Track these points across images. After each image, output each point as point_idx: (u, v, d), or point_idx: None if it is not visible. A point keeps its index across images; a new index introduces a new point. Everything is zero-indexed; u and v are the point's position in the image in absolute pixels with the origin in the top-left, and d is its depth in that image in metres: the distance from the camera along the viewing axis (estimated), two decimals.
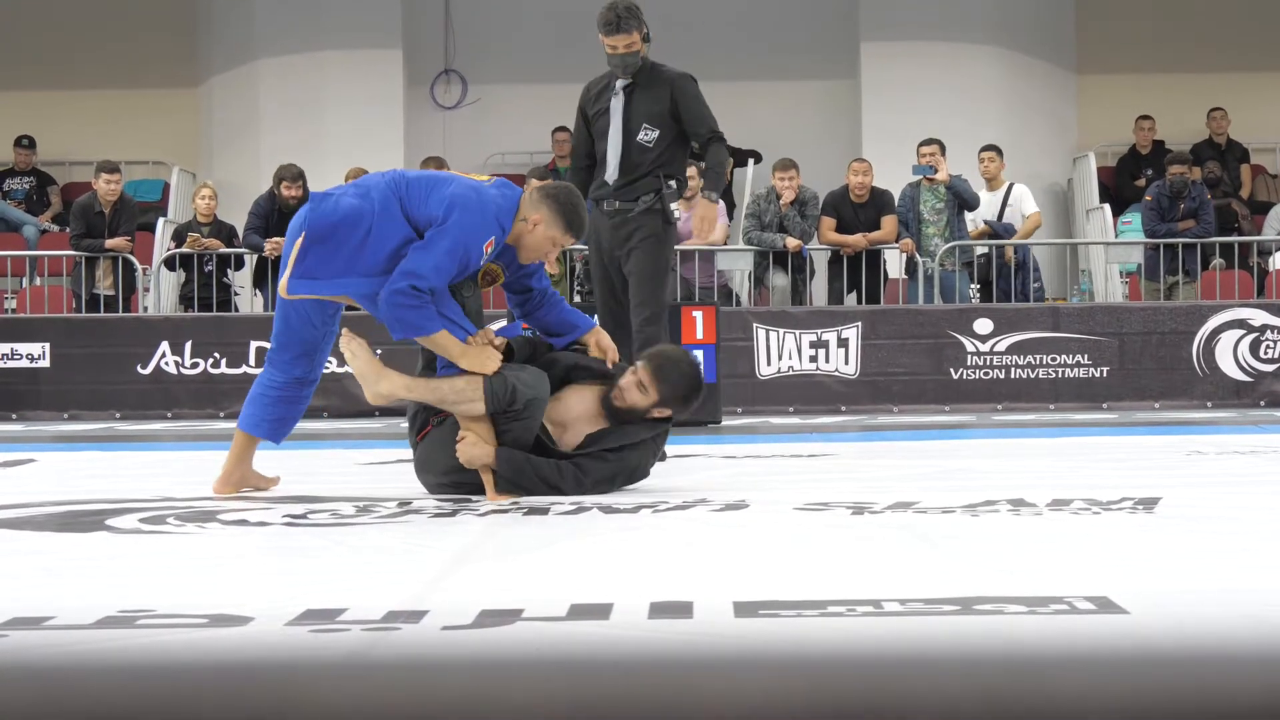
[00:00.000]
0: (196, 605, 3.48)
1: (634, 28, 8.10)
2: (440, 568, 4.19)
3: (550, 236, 5.89)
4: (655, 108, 8.14)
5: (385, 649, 3.01)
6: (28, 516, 5.54)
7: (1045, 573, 3.94)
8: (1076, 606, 3.31)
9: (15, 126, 17.25)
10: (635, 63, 8.19)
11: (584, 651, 3.00)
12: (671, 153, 8.16)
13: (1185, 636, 3.10)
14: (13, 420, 13.13)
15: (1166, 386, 13.26)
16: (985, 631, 3.11)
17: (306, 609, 3.38)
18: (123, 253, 14.38)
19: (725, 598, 3.48)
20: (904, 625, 3.18)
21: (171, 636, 3.14)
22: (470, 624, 3.20)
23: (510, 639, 3.08)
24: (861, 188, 14.29)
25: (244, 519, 5.30)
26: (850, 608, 3.33)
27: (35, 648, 3.05)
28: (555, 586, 3.78)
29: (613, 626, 3.20)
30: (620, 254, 8.17)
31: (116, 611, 3.38)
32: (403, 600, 3.53)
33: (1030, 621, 3.18)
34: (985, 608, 3.31)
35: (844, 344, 13.24)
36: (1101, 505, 5.38)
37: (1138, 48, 17.77)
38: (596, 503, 5.66)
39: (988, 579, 3.83)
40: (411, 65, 17.51)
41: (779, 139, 16.51)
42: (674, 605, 3.41)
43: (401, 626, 3.19)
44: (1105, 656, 2.90)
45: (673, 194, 8.16)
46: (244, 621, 3.26)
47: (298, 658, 2.94)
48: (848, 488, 6.18)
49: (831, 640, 3.06)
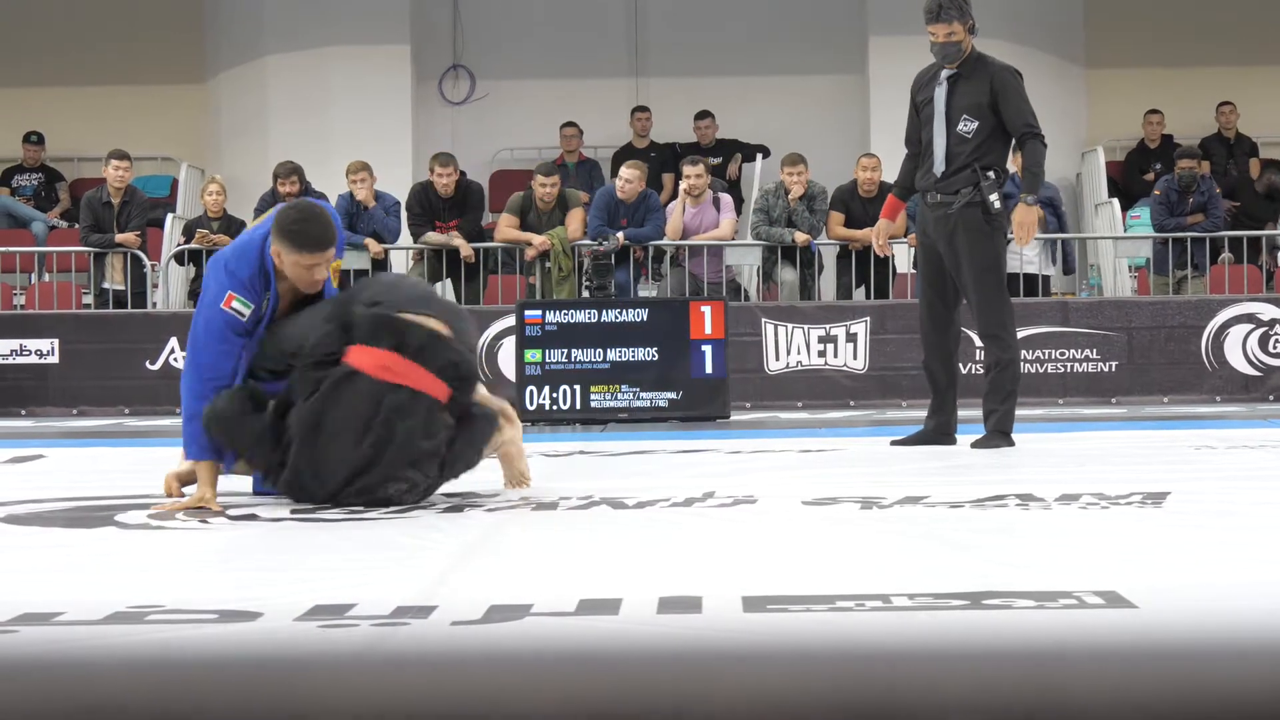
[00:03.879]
0: (205, 601, 3.49)
1: (954, 18, 8.02)
2: (449, 563, 4.19)
3: (294, 261, 5.59)
4: (975, 99, 8.06)
5: (394, 644, 3.01)
6: (37, 512, 5.55)
7: (1054, 567, 3.94)
8: (1085, 601, 3.31)
9: (24, 123, 17.25)
10: (956, 53, 8.10)
11: (593, 647, 3.00)
12: (990, 145, 8.07)
13: (1194, 631, 3.09)
14: (22, 416, 13.15)
15: (1175, 381, 13.24)
16: (994, 626, 3.11)
17: (315, 604, 3.38)
18: (132, 248, 14.39)
19: (734, 592, 3.48)
20: (913, 620, 3.18)
21: (180, 632, 3.14)
22: (479, 619, 3.20)
23: (519, 634, 3.08)
24: (870, 183, 14.27)
25: (253, 514, 5.31)
26: (859, 602, 3.33)
27: (44, 643, 3.05)
28: (564, 581, 3.78)
29: (622, 621, 3.20)
30: (945, 249, 8.12)
31: (125, 607, 3.39)
32: (411, 596, 3.53)
33: (1039, 616, 3.17)
34: (994, 602, 3.31)
35: (853, 339, 13.23)
36: (1110, 500, 5.38)
37: (1146, 42, 17.74)
38: (605, 498, 5.67)
39: (996, 573, 3.83)
40: (420, 60, 17.51)
41: (787, 133, 16.49)
42: (683, 600, 3.41)
43: (410, 622, 3.19)
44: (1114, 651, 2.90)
45: (992, 186, 8.02)
46: (253, 617, 3.27)
47: (307, 653, 2.94)
48: (856, 482, 6.18)
49: (840, 635, 3.06)
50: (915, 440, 8.27)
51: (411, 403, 5.38)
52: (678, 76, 17.27)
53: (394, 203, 14.39)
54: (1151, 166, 16.78)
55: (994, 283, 8.09)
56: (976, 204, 8.03)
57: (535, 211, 14.11)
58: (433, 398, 5.43)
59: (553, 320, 11.54)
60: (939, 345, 8.30)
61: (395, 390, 5.37)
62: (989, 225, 8.05)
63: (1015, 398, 8.20)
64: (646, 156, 16.12)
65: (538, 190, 14.06)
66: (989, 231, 8.05)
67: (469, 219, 14.33)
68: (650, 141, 16.73)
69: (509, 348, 12.67)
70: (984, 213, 8.03)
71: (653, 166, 16.11)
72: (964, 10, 8.06)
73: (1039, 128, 8.10)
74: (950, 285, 8.19)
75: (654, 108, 16.77)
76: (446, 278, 14.33)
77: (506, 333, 12.88)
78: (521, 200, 14.22)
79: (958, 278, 8.12)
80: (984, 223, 8.04)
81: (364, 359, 5.41)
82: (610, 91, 17.23)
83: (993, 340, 8.17)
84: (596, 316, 11.60)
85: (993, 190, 8.01)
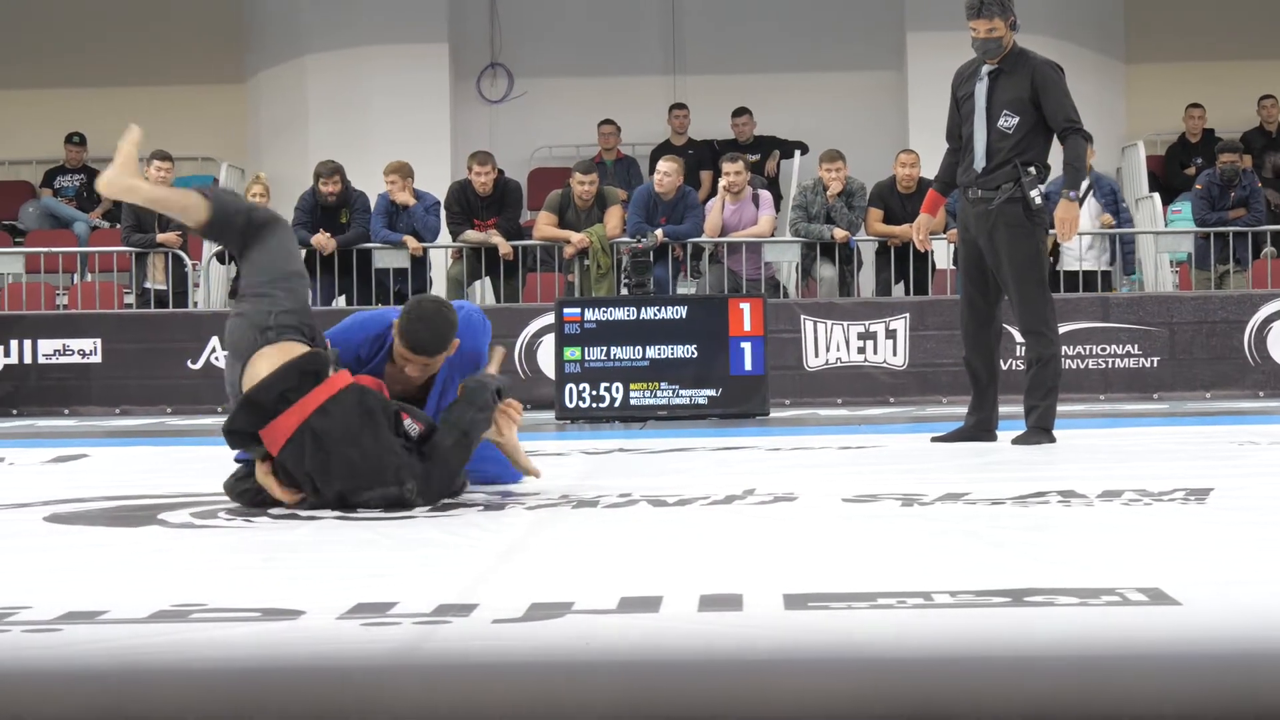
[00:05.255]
0: (248, 599, 3.50)
1: (995, 14, 8.01)
2: (490, 560, 4.20)
3: (399, 353, 5.62)
4: (1016, 94, 8.06)
5: (436, 642, 3.02)
6: (81, 511, 5.58)
7: (1096, 564, 3.92)
8: (1128, 598, 3.29)
9: (66, 124, 17.34)
10: (996, 48, 8.10)
11: (634, 644, 3.00)
12: (1031, 140, 8.06)
13: (1238, 628, 3.08)
14: (65, 415, 13.22)
15: (1218, 376, 13.18)
16: (1036, 623, 3.10)
17: (358, 602, 3.39)
18: (173, 248, 14.45)
19: (775, 590, 3.48)
20: (955, 617, 3.17)
21: (223, 630, 3.16)
22: (520, 617, 3.20)
23: (561, 632, 3.08)
24: (909, 179, 14.23)
25: (294, 513, 5.32)
26: (900, 600, 3.32)
27: (88, 642, 3.07)
28: (605, 579, 3.78)
29: (663, 619, 3.21)
30: (986, 245, 8.11)
31: (169, 605, 3.40)
32: (453, 593, 3.54)
33: (1082, 613, 3.16)
34: (1036, 599, 3.30)
35: (892, 335, 13.21)
36: (1153, 496, 5.36)
37: (1186, 37, 17.66)
38: (645, 495, 5.67)
39: (1038, 570, 3.81)
40: (457, 59, 17.53)
41: (826, 130, 16.47)
42: (724, 598, 3.41)
43: (452, 620, 3.20)
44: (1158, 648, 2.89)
45: (1032, 182, 8.00)
46: (296, 615, 3.28)
47: (349, 651, 2.95)
48: (897, 479, 6.17)
49: (882, 633, 3.06)
50: (956, 437, 8.26)
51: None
52: (715, 73, 17.25)
53: (433, 202, 14.42)
54: (1193, 161, 16.70)
55: (1035, 279, 8.07)
56: (1017, 200, 8.01)
57: (573, 209, 14.12)
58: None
59: (592, 318, 11.54)
60: (980, 341, 8.29)
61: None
62: (1030, 221, 8.03)
63: (1056, 393, 8.18)
64: (684, 154, 16.12)
65: (576, 188, 14.07)
66: (1030, 227, 8.03)
67: (507, 217, 14.35)
68: (688, 139, 16.72)
69: (548, 346, 12.69)
70: (1024, 208, 8.01)
71: (691, 164, 16.10)
72: (1006, 6, 8.04)
73: (1080, 122, 8.07)
74: (991, 281, 8.17)
75: (692, 105, 16.76)
76: (485, 275, 14.36)
77: (545, 331, 12.89)
78: (560, 198, 14.23)
79: (998, 273, 8.10)
80: (1025, 218, 8.02)
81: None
82: (648, 89, 17.22)
83: (1034, 336, 8.15)
84: (635, 314, 11.60)
85: (1033, 186, 7.99)
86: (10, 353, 13.53)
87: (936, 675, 2.69)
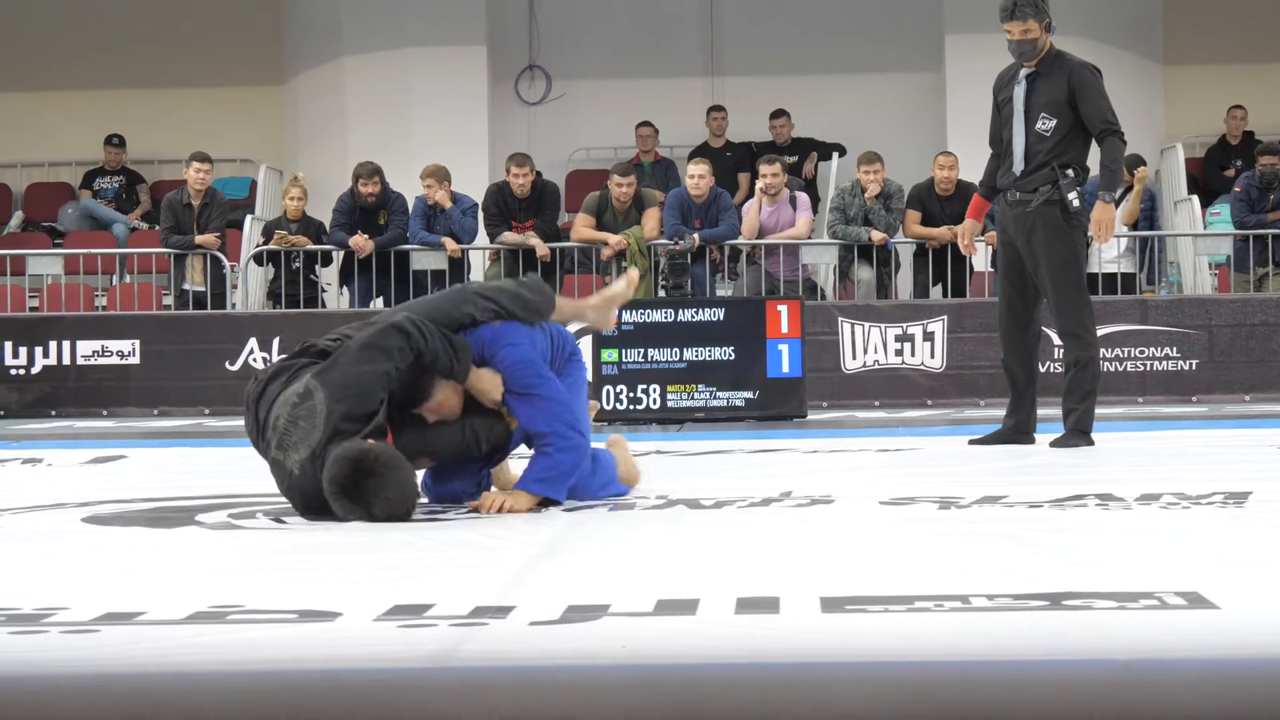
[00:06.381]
0: (285, 600, 3.51)
1: (1029, 15, 8.01)
2: (526, 562, 4.20)
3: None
4: (1054, 97, 8.04)
5: (474, 644, 3.02)
6: (119, 512, 5.60)
7: (1135, 567, 3.91)
8: (1167, 602, 3.28)
9: (105, 125, 17.43)
10: (1032, 51, 8.09)
11: (671, 647, 3.00)
12: (1068, 142, 8.04)
13: (1278, 632, 3.06)
14: (104, 417, 13.27)
15: (1257, 379, 13.11)
16: (1074, 627, 3.09)
17: (394, 604, 3.39)
18: (212, 250, 14.50)
19: (812, 593, 3.47)
20: (992, 620, 3.16)
21: (261, 632, 3.17)
22: (557, 619, 3.21)
23: (597, 634, 3.08)
24: (947, 181, 14.19)
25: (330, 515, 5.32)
26: (938, 603, 3.31)
27: (126, 643, 3.08)
28: (642, 582, 3.78)
29: (699, 622, 3.20)
30: (1024, 247, 8.10)
31: (207, 607, 3.42)
32: (490, 595, 3.55)
33: (1120, 617, 3.15)
34: (1074, 603, 3.29)
35: (930, 337, 13.18)
36: (1191, 500, 5.34)
37: (1224, 38, 17.58)
38: (682, 498, 5.67)
39: (1076, 574, 3.80)
40: (496, 61, 17.55)
41: (863, 132, 16.44)
42: (760, 600, 3.41)
43: (489, 622, 3.20)
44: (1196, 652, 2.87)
45: (1070, 184, 7.99)
46: (332, 617, 3.28)
47: (386, 653, 2.95)
48: (934, 482, 6.16)
49: (918, 636, 3.05)
50: (993, 439, 8.24)
51: None
52: (753, 75, 17.24)
53: (471, 204, 14.44)
54: (1232, 163, 16.62)
55: (1073, 281, 8.04)
56: (1055, 202, 7.99)
57: (611, 211, 14.13)
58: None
59: (629, 320, 11.54)
60: (1018, 343, 8.27)
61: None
62: (1067, 223, 8.00)
63: (1094, 396, 8.15)
64: (722, 156, 16.11)
65: (614, 190, 14.08)
66: (1068, 230, 8.01)
67: (545, 219, 14.36)
68: (726, 140, 16.71)
69: (586, 347, 12.69)
70: (1062, 211, 7.99)
71: (728, 165, 16.08)
72: (1040, 8, 8.01)
73: (1118, 125, 8.04)
74: (1030, 283, 8.15)
75: (729, 107, 16.75)
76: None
77: (583, 333, 12.90)
78: (597, 200, 14.24)
79: (1036, 276, 8.08)
80: (1062, 221, 8.00)
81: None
82: (686, 91, 17.22)
83: (1072, 339, 8.12)
84: (673, 316, 11.60)
85: (1071, 188, 7.96)
86: (49, 354, 13.58)
87: (974, 678, 2.68)
